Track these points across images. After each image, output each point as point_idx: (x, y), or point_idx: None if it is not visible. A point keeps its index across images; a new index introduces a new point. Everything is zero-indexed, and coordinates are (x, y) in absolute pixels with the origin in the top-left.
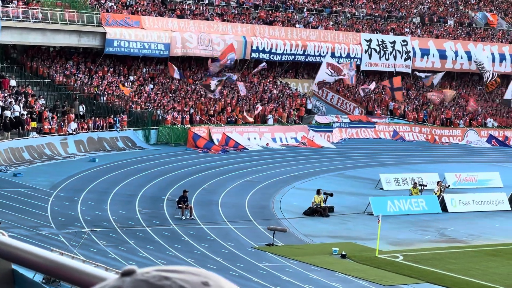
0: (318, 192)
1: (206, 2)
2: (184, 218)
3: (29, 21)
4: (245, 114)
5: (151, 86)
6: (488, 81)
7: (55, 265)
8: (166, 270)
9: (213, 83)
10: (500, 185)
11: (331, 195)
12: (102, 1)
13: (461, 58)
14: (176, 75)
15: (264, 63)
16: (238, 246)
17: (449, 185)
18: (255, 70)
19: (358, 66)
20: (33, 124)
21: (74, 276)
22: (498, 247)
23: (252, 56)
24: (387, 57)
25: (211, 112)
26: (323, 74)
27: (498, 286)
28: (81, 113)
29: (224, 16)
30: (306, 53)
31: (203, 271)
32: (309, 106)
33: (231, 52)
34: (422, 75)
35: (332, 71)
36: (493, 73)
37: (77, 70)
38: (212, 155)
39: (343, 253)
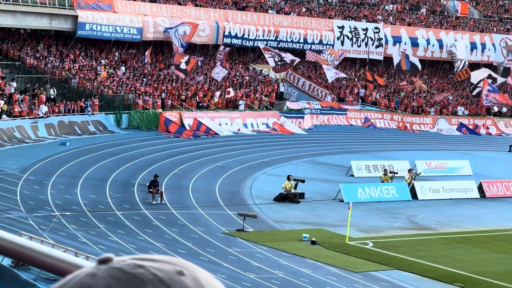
0: (289, 178)
1: None
2: (154, 202)
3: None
4: (214, 98)
5: (123, 70)
6: (458, 70)
7: (27, 251)
8: (141, 258)
9: (183, 61)
10: (469, 173)
11: (303, 181)
12: None
13: (433, 46)
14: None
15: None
16: (208, 231)
17: (419, 173)
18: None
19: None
20: (3, 107)
21: (48, 263)
22: (467, 235)
23: (224, 42)
24: (359, 44)
25: (183, 97)
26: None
27: (466, 273)
28: (52, 97)
29: (196, 1)
30: (278, 39)
31: (179, 260)
32: (282, 89)
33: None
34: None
35: (272, 54)
36: (464, 62)
37: (48, 53)
38: (183, 140)
39: (313, 239)
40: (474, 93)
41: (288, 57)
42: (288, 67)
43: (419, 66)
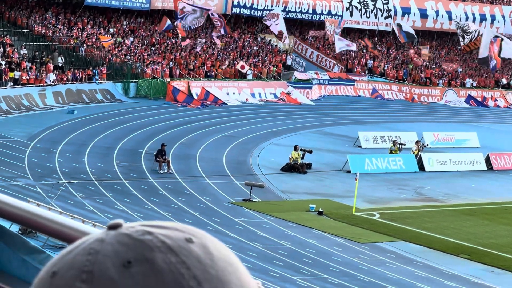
0: (296, 148)
1: None
2: (161, 171)
3: None
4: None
5: (131, 39)
6: (471, 40)
7: (36, 218)
8: (151, 225)
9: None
10: (477, 145)
11: (310, 152)
12: None
13: (442, 17)
14: (169, 27)
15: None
16: (215, 201)
17: (427, 144)
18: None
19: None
20: (11, 74)
21: (56, 229)
22: (474, 207)
23: (233, 11)
24: (368, 15)
25: (191, 66)
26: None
27: (472, 245)
28: (60, 65)
29: None
30: (287, 9)
31: (190, 228)
32: (289, 62)
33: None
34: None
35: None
36: (478, 32)
37: (57, 21)
38: (191, 109)
39: (320, 210)
40: (480, 56)
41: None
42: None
43: (413, 33)
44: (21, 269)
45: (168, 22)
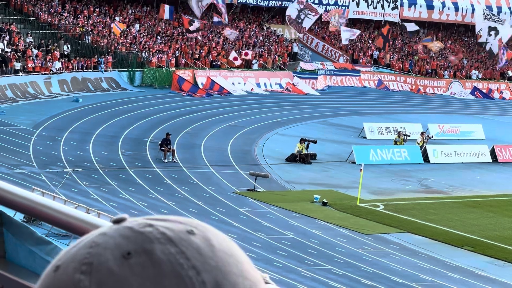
0: (301, 141)
1: None
2: (166, 161)
3: None
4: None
5: (137, 27)
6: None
7: (40, 207)
8: (154, 218)
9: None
10: (482, 137)
11: (315, 142)
12: None
13: (448, 9)
14: (167, 15)
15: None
16: (220, 191)
17: (432, 136)
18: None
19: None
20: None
21: (60, 219)
22: (478, 199)
23: (239, 1)
24: (375, 6)
25: (196, 55)
26: (293, 10)
27: (476, 237)
28: (66, 53)
29: None
30: None
31: (193, 221)
32: (295, 50)
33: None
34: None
35: (301, 6)
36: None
37: (63, 9)
38: (196, 99)
39: (324, 200)
40: (487, 48)
41: (311, 19)
42: (301, 30)
43: (416, 28)
44: (28, 259)
45: (168, 9)
